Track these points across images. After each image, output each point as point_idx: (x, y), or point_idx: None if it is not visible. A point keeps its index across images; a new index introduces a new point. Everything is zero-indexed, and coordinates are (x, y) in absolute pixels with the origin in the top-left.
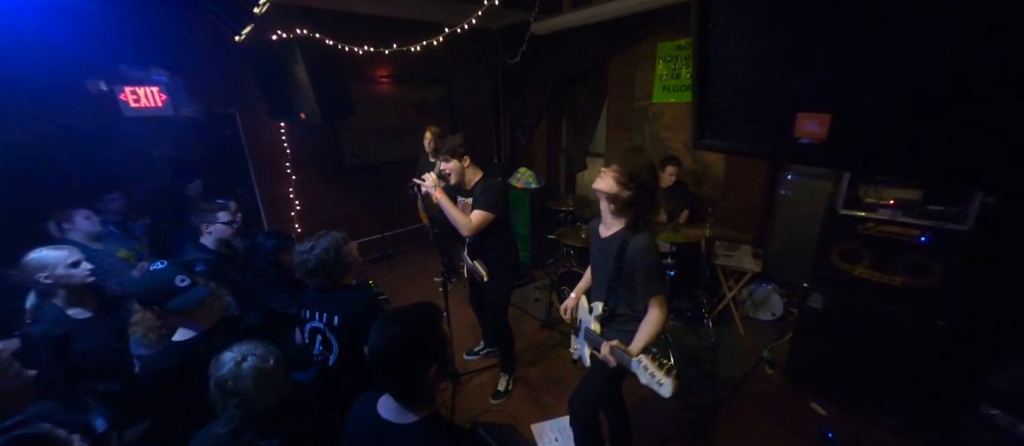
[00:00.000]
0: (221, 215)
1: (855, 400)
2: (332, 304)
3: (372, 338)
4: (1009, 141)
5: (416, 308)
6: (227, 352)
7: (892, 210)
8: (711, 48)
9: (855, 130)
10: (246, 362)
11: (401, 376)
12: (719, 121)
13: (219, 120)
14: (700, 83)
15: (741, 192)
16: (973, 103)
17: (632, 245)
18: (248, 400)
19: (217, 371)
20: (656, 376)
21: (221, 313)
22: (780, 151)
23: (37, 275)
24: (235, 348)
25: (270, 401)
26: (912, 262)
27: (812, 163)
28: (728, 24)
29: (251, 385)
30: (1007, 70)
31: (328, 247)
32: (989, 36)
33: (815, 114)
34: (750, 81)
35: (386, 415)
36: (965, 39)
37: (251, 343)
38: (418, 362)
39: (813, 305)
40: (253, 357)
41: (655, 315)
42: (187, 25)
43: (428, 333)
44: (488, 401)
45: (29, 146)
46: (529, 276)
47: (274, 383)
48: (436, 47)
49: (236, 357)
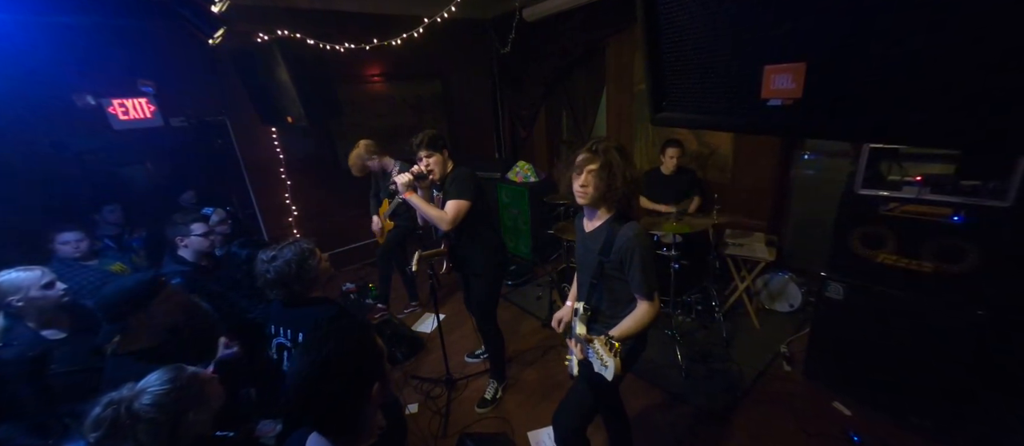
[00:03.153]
0: (195, 227)
1: (883, 400)
2: (297, 320)
3: (292, 373)
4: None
5: (337, 326)
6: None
7: (919, 188)
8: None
9: (840, 83)
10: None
11: (335, 407)
12: (676, 88)
13: (210, 129)
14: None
15: (751, 175)
16: (1004, 37)
17: (621, 235)
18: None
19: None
20: (603, 358)
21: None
22: (744, 118)
23: (8, 298)
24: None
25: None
26: (944, 246)
27: (783, 133)
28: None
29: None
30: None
31: (290, 259)
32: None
33: (787, 65)
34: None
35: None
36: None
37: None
38: (358, 387)
39: (832, 296)
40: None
41: (643, 310)
42: (170, 35)
43: (361, 349)
44: (475, 410)
45: (23, 163)
46: (531, 273)
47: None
48: (427, 41)
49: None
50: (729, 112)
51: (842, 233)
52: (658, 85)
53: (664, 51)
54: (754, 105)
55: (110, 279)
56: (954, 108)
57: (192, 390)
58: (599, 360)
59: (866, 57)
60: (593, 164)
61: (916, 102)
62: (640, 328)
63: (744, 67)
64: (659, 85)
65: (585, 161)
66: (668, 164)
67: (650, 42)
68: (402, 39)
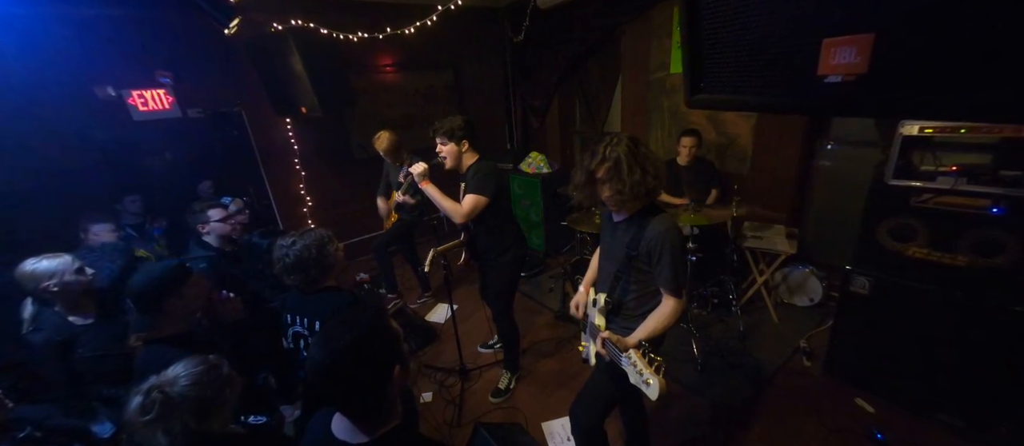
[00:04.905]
0: (212, 213)
1: (909, 397)
2: (315, 308)
3: (312, 359)
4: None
5: (352, 313)
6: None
7: (955, 178)
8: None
9: (918, 56)
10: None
11: (357, 390)
12: (716, 69)
13: (226, 119)
14: (689, 15)
15: (772, 166)
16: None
17: (652, 228)
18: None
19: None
20: (644, 374)
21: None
22: (795, 97)
23: (44, 283)
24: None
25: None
26: (980, 238)
27: (844, 112)
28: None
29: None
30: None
31: (309, 244)
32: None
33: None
34: (753, 2)
35: (340, 435)
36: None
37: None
38: (378, 370)
39: (857, 290)
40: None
41: (669, 307)
42: (186, 25)
43: (378, 334)
44: (489, 399)
45: (49, 154)
46: (543, 265)
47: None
48: (439, 30)
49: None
50: (776, 91)
51: (870, 225)
52: (696, 66)
53: (704, 29)
54: (808, 82)
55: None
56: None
57: (216, 383)
58: (637, 372)
59: (953, 25)
60: (600, 170)
61: (1011, 77)
62: (666, 327)
63: (797, 42)
64: (697, 66)
65: (596, 168)
66: (684, 155)
67: (690, 20)
68: (415, 27)
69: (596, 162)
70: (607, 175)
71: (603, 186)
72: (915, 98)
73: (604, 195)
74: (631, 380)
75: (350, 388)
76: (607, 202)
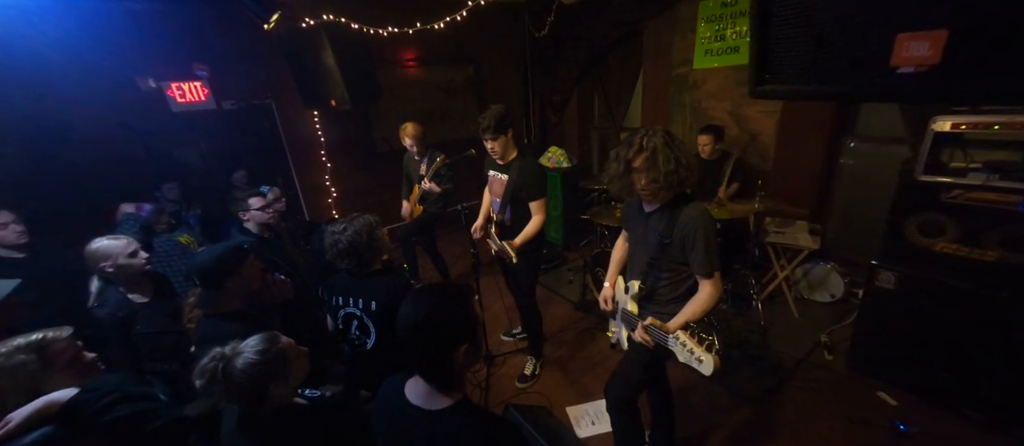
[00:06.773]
0: (252, 201)
1: (932, 391)
2: (367, 289)
3: (402, 315)
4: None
5: (446, 286)
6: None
7: (986, 174)
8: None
9: (990, 47)
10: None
11: (430, 355)
12: (783, 60)
13: (258, 112)
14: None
15: (795, 162)
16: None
17: (685, 216)
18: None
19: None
20: (695, 352)
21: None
22: (865, 87)
23: (101, 264)
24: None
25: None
26: (1011, 234)
27: (916, 100)
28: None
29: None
30: None
31: (360, 229)
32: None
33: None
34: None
35: (414, 400)
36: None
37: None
38: (448, 340)
39: (883, 285)
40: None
41: (707, 292)
42: (221, 19)
43: (458, 311)
44: (516, 384)
45: (97, 142)
46: (561, 258)
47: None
48: (462, 25)
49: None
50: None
51: (897, 221)
52: (763, 57)
53: (775, 21)
54: (879, 73)
55: (184, 249)
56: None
57: (279, 362)
58: (688, 351)
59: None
60: (638, 159)
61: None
62: (706, 311)
63: (871, 36)
64: (764, 57)
65: (633, 157)
66: (703, 150)
67: (761, 12)
68: (445, 23)
69: (633, 151)
70: (644, 165)
71: (639, 175)
72: (985, 84)
73: (639, 184)
74: (680, 359)
75: (433, 350)
76: (642, 191)
